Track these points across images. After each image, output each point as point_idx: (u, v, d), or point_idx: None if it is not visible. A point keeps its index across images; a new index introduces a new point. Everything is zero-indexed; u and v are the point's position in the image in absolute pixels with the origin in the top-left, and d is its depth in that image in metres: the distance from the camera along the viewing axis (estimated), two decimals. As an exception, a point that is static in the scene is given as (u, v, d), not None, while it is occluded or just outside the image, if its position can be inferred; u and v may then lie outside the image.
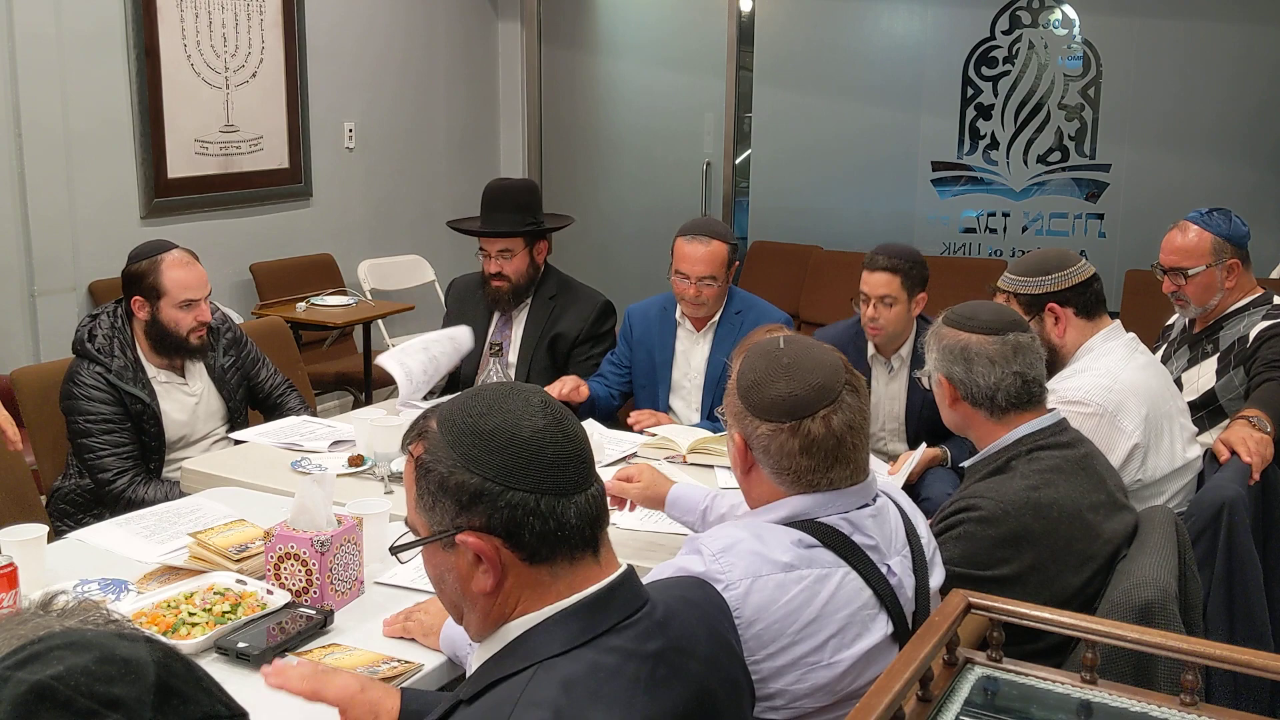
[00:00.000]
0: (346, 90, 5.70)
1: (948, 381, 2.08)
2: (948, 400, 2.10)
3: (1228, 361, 2.95)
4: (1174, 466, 2.51)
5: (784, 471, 1.60)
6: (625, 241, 6.70)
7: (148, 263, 2.93)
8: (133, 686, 0.71)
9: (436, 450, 1.25)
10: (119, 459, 2.90)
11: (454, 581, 1.27)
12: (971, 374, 2.05)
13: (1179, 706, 1.38)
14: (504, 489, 1.21)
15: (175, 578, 2.09)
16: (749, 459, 1.64)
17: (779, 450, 1.59)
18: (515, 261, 3.42)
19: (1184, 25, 5.61)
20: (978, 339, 2.05)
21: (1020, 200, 5.99)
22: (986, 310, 2.11)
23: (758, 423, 1.61)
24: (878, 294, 3.10)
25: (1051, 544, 1.93)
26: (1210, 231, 2.97)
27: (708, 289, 3.21)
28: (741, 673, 1.42)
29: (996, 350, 2.04)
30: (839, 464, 1.60)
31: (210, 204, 5.05)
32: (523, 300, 3.50)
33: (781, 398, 1.59)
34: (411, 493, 1.29)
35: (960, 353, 2.06)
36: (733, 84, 6.34)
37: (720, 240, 3.21)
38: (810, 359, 1.62)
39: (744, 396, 1.63)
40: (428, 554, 1.29)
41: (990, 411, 2.06)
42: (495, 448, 1.22)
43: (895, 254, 3.12)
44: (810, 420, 1.58)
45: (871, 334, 3.18)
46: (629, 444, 2.96)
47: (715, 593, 1.47)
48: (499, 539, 1.22)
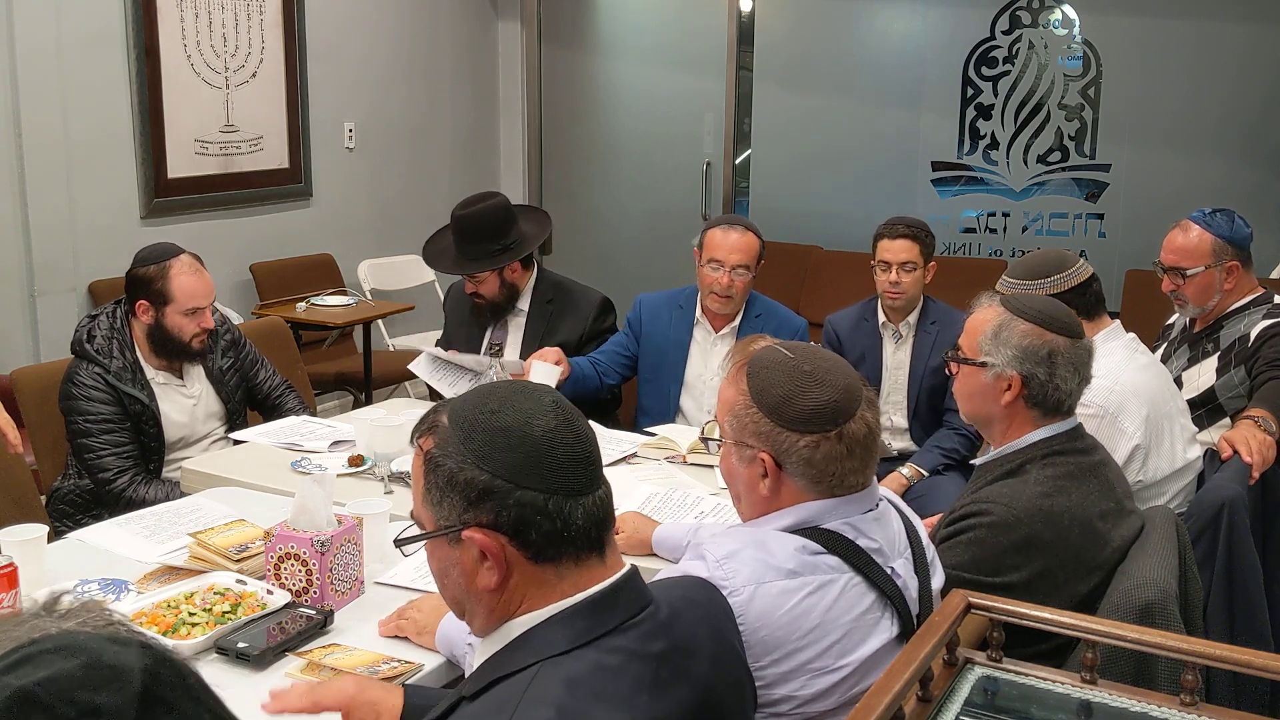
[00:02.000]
0: (346, 90, 5.70)
1: (1022, 380, 1.99)
2: (1006, 398, 2.00)
3: (1228, 360, 2.95)
4: (1174, 467, 2.51)
5: (826, 478, 1.58)
6: (625, 241, 6.69)
7: (156, 268, 2.93)
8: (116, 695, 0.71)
9: (447, 445, 1.24)
10: (119, 458, 2.89)
11: (458, 577, 1.27)
12: (1054, 378, 1.97)
13: (1179, 706, 1.38)
14: (513, 487, 1.21)
15: (175, 578, 2.09)
16: (779, 476, 1.60)
17: (824, 458, 1.56)
18: (487, 286, 3.46)
19: (1184, 25, 5.61)
20: (1064, 342, 1.98)
21: (1020, 200, 5.99)
22: (1060, 309, 2.04)
23: (796, 437, 1.57)
24: (900, 260, 3.26)
25: (1061, 552, 1.91)
26: (1211, 233, 2.97)
27: (740, 279, 3.25)
28: (745, 674, 1.42)
29: (1078, 356, 1.99)
30: (871, 461, 1.61)
31: (210, 204, 5.05)
32: (504, 315, 3.52)
33: (821, 406, 1.56)
34: (419, 486, 1.28)
35: (1047, 355, 1.97)
36: (733, 85, 6.33)
37: (753, 232, 3.30)
38: (827, 362, 1.62)
39: (774, 414, 1.58)
40: (432, 548, 1.29)
41: (1044, 413, 2.00)
42: (506, 445, 1.22)
43: (911, 223, 3.32)
44: (851, 422, 1.57)
45: (892, 298, 3.33)
46: (629, 444, 2.95)
47: (719, 594, 1.47)
48: (505, 537, 1.22)
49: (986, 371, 2.02)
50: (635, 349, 3.43)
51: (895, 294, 3.29)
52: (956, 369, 2.11)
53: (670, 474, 2.77)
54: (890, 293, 3.30)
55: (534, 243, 3.53)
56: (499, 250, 3.42)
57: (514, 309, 3.51)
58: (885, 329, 3.38)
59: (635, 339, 3.43)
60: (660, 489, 2.59)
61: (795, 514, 1.60)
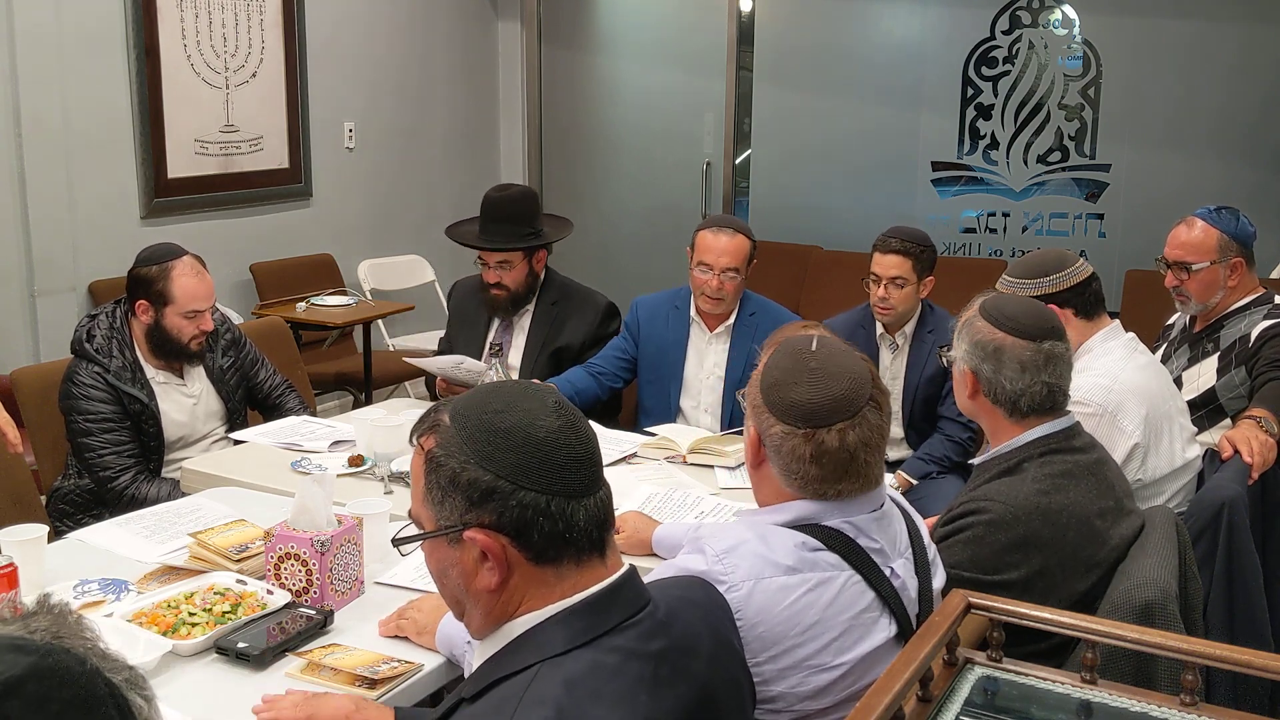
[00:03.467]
0: (346, 90, 5.70)
1: (972, 375, 2.05)
2: (968, 392, 2.07)
3: (1228, 360, 2.95)
4: (1174, 466, 2.51)
5: (792, 475, 1.59)
6: (625, 242, 6.70)
7: (158, 268, 2.93)
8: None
9: (449, 445, 1.23)
10: (120, 457, 2.89)
11: (457, 577, 1.26)
12: (999, 375, 2.01)
13: (1179, 706, 1.37)
14: (515, 488, 1.21)
15: (175, 578, 2.10)
16: (760, 454, 1.63)
17: (790, 453, 1.58)
18: (514, 272, 3.42)
19: (1184, 25, 5.61)
20: (1012, 341, 2.01)
21: (1020, 200, 5.99)
22: (1028, 313, 2.05)
23: (773, 420, 1.59)
24: (889, 275, 3.21)
25: (1059, 550, 1.92)
26: (1217, 229, 2.97)
27: (730, 281, 3.25)
28: (743, 672, 1.42)
29: (1029, 357, 2.00)
30: (848, 478, 1.58)
31: (210, 204, 5.05)
32: (522, 307, 3.50)
33: (799, 403, 1.57)
34: (419, 485, 1.27)
35: (992, 352, 2.01)
36: (733, 84, 6.33)
37: (743, 234, 3.29)
38: (837, 366, 1.59)
39: (765, 392, 1.61)
40: (431, 548, 1.28)
41: (1009, 413, 2.03)
42: (510, 446, 1.22)
43: (907, 237, 3.23)
44: (825, 431, 1.55)
45: (881, 314, 3.28)
46: (629, 444, 2.95)
47: (716, 592, 1.47)
48: (507, 538, 1.21)
49: (955, 366, 2.11)
50: (634, 351, 3.43)
51: (884, 309, 3.26)
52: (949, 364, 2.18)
53: (670, 474, 2.77)
54: (879, 307, 3.27)
55: (557, 237, 3.55)
56: (530, 234, 3.42)
57: (523, 308, 3.51)
58: (882, 339, 3.35)
59: (634, 342, 3.44)
60: (660, 489, 2.59)
61: (796, 509, 1.60)
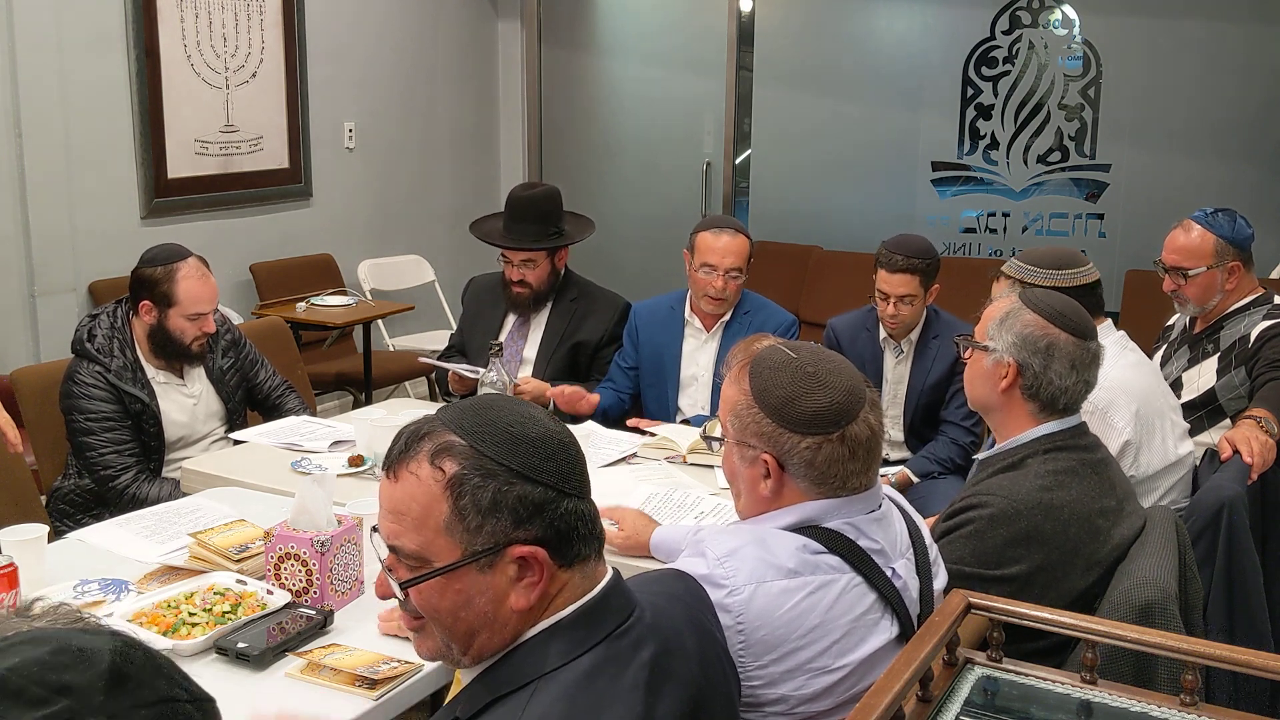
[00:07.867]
0: (346, 90, 5.70)
1: (1017, 368, 2.01)
2: (1003, 384, 2.02)
3: (1228, 361, 2.95)
4: (1166, 462, 2.52)
5: (829, 479, 1.57)
6: (625, 241, 6.69)
7: (163, 270, 2.93)
8: (84, 674, 0.75)
9: (482, 464, 1.17)
10: (121, 456, 2.89)
11: (485, 605, 1.19)
12: (1048, 371, 1.99)
13: (1179, 706, 1.38)
14: (560, 495, 1.19)
15: (175, 578, 2.10)
16: (781, 477, 1.59)
17: (826, 460, 1.56)
18: (538, 271, 3.43)
19: (1184, 25, 5.61)
20: (1066, 338, 1.99)
21: (1020, 200, 5.99)
22: (1075, 310, 2.04)
23: (798, 438, 1.56)
24: (898, 294, 3.19)
25: (1060, 546, 1.92)
26: (1213, 233, 2.97)
27: (734, 281, 3.26)
28: (727, 662, 1.42)
29: (1080, 356, 1.99)
30: (875, 462, 1.60)
31: (210, 204, 5.05)
32: (544, 304, 3.51)
33: (824, 408, 1.55)
34: (437, 517, 1.17)
35: (1045, 347, 1.99)
36: (733, 84, 6.33)
37: (743, 234, 3.30)
38: (830, 363, 1.60)
39: (776, 415, 1.57)
40: (445, 584, 1.19)
41: (1041, 408, 2.01)
42: (547, 454, 1.20)
43: (913, 253, 3.17)
44: (854, 424, 1.56)
45: (890, 328, 3.29)
46: (628, 444, 2.95)
47: (695, 583, 1.46)
48: (545, 549, 1.19)
49: (988, 356, 2.06)
50: (636, 358, 3.45)
51: (893, 324, 3.26)
52: (968, 354, 2.13)
53: (670, 474, 2.77)
54: (888, 322, 3.27)
55: (580, 236, 3.56)
56: (555, 233, 3.43)
57: (544, 305, 3.51)
58: (886, 343, 3.34)
59: (635, 348, 3.45)
60: (660, 489, 2.59)
61: (797, 512, 1.59)
